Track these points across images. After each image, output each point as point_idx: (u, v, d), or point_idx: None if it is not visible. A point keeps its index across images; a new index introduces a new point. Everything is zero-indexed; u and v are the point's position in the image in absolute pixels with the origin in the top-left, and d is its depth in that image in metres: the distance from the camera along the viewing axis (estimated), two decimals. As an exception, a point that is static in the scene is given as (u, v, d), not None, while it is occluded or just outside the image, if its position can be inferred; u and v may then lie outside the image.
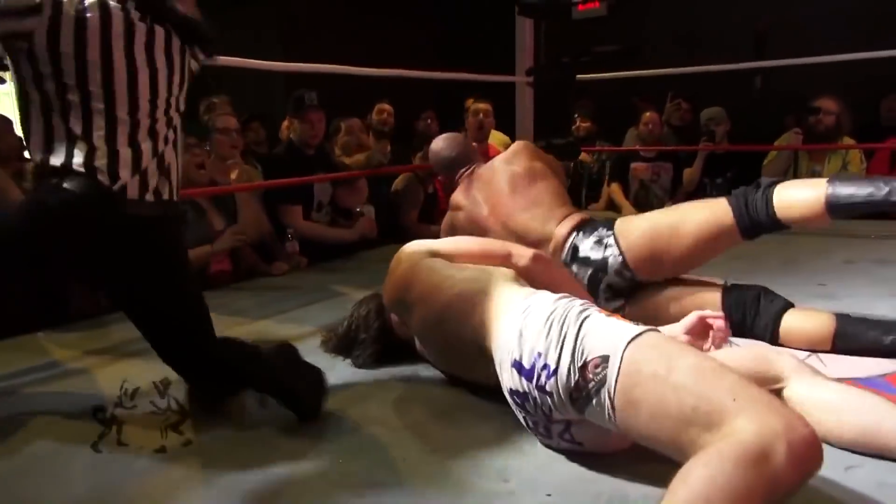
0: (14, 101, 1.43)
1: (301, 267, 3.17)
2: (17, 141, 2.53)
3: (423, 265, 1.59)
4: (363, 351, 1.83)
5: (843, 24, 5.18)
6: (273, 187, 3.21)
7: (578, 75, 4.32)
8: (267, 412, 1.53)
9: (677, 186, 4.38)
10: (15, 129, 2.57)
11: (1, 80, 2.04)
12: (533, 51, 4.64)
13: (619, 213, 4.31)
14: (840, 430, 1.26)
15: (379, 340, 1.82)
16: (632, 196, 4.44)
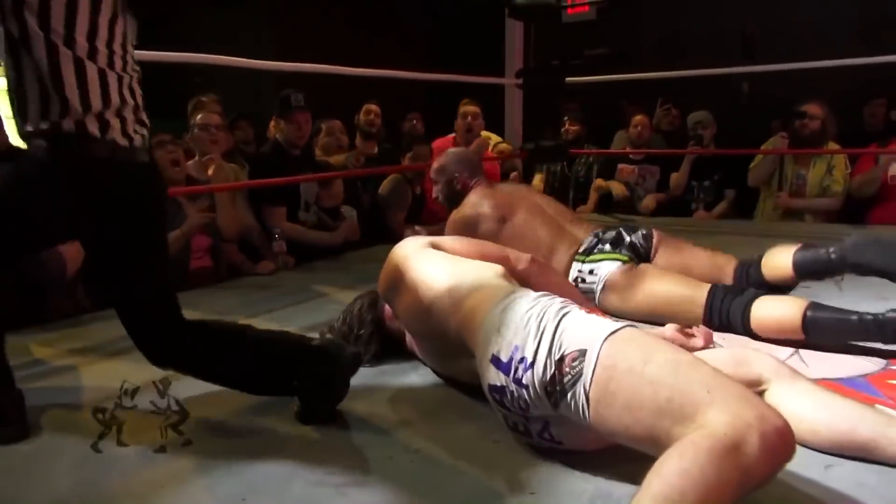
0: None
1: (289, 267, 3.16)
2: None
3: (421, 253, 1.63)
4: (364, 351, 1.83)
5: (830, 31, 5.25)
6: (258, 187, 3.20)
7: (568, 78, 4.35)
8: (266, 411, 1.53)
9: (663, 189, 4.41)
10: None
11: None
12: (522, 53, 4.67)
13: (609, 211, 4.38)
14: (815, 439, 1.26)
15: (376, 337, 1.83)
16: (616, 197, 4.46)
